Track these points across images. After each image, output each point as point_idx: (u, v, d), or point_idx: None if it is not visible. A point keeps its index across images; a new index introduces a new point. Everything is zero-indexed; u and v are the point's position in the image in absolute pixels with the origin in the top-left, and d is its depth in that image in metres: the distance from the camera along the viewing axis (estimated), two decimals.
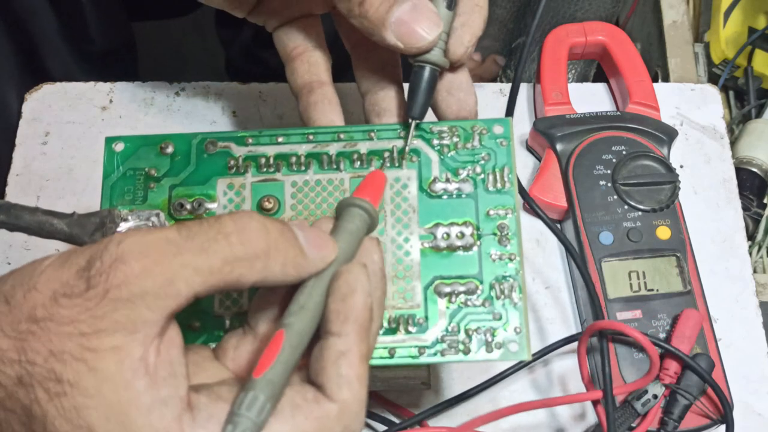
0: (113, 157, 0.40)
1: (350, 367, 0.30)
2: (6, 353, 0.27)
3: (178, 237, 0.29)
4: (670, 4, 0.79)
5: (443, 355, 0.36)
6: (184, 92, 0.57)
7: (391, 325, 0.36)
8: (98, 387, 0.27)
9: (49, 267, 0.28)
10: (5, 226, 0.34)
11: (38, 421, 0.27)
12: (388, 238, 0.38)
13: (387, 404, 0.48)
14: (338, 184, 0.39)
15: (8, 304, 0.28)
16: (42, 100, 0.57)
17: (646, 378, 0.44)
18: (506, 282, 0.37)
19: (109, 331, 0.27)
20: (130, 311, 0.27)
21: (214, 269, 0.28)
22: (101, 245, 0.28)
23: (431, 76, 0.39)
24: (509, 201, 0.38)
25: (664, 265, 0.49)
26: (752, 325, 0.51)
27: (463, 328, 0.36)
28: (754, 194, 0.73)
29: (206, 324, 0.37)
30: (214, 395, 0.29)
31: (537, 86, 0.57)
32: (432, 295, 0.37)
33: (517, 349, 0.36)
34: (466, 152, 0.39)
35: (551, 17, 1.12)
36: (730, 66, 0.80)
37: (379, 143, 0.40)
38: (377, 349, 0.36)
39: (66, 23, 0.65)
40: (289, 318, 0.30)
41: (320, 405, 0.29)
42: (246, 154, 0.40)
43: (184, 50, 1.25)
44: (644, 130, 0.53)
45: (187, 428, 0.27)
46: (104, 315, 0.27)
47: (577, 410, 0.49)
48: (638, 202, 0.50)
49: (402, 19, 0.38)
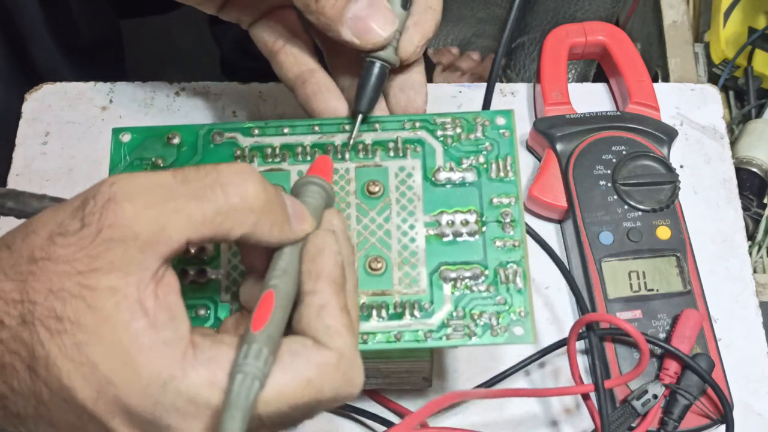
0: (120, 148, 0.40)
1: (333, 317, 0.30)
2: (9, 294, 0.28)
3: (172, 181, 0.29)
4: (670, 4, 0.79)
5: (449, 338, 0.36)
6: (184, 92, 0.57)
7: (397, 310, 0.37)
8: (98, 326, 0.27)
9: (47, 211, 0.29)
10: (13, 212, 0.34)
11: (41, 361, 0.27)
12: (394, 225, 0.38)
13: (388, 403, 0.48)
14: (344, 173, 0.40)
15: (9, 249, 0.29)
16: (42, 100, 0.57)
17: (636, 369, 0.44)
18: (510, 267, 0.37)
19: (105, 270, 0.27)
20: (123, 252, 0.28)
21: (207, 218, 0.29)
22: (95, 186, 0.29)
23: (381, 72, 0.40)
24: (512, 189, 0.39)
25: (664, 265, 0.49)
26: (752, 325, 0.51)
27: (468, 312, 0.36)
28: (754, 194, 0.74)
29: (213, 311, 0.37)
30: (217, 339, 0.29)
31: (537, 86, 0.57)
32: (437, 281, 0.37)
33: (522, 332, 0.36)
34: (470, 143, 0.40)
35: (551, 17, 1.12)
36: (730, 66, 0.80)
37: (383, 134, 0.40)
38: (383, 333, 0.36)
39: (52, 16, 0.65)
40: (273, 280, 0.31)
41: (319, 351, 0.29)
42: (252, 145, 0.40)
43: (178, 47, 1.25)
44: (644, 130, 0.53)
45: (189, 367, 0.28)
46: (98, 254, 0.27)
47: (575, 415, 0.49)
48: (638, 202, 0.50)
49: (358, 16, 0.39)
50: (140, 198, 0.28)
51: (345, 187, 0.39)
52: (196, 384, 0.28)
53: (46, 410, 0.28)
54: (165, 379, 0.27)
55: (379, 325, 0.37)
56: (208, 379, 0.28)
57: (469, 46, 1.22)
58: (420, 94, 0.42)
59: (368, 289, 0.37)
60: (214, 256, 0.38)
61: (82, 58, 0.71)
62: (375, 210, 0.39)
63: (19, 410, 0.29)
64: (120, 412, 0.27)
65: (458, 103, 0.57)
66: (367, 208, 0.39)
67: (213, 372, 0.28)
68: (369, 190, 0.39)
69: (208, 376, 0.28)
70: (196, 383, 0.28)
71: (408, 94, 0.42)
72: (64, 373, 0.27)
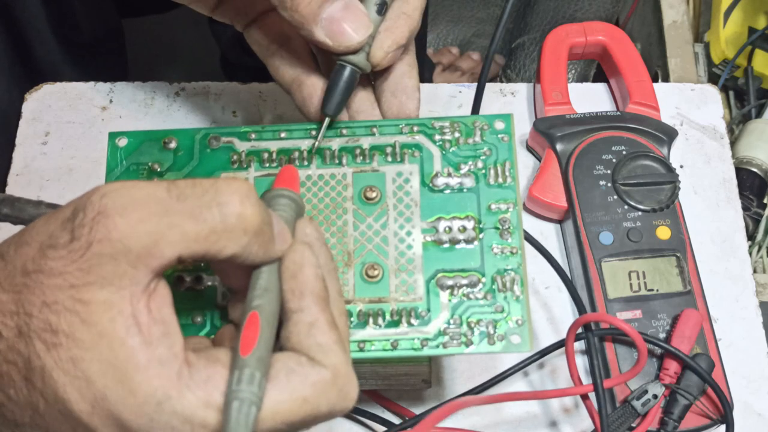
0: (116, 152, 0.40)
1: (324, 334, 0.30)
2: (6, 305, 0.28)
3: (167, 196, 0.29)
4: (670, 4, 0.79)
5: (445, 347, 0.36)
6: (184, 92, 0.57)
7: (393, 318, 0.37)
8: (94, 341, 0.27)
9: (39, 221, 0.29)
10: (9, 219, 0.34)
11: (37, 373, 0.27)
12: (391, 232, 0.38)
13: (387, 404, 0.48)
14: (341, 178, 0.39)
15: (3, 259, 0.29)
16: (42, 100, 0.57)
17: (634, 369, 0.44)
18: (508, 275, 0.37)
19: (98, 285, 0.27)
20: (115, 267, 0.27)
21: (200, 236, 0.28)
22: (86, 196, 0.28)
23: (351, 76, 0.40)
24: (511, 195, 0.38)
25: (664, 265, 0.49)
26: (752, 325, 0.51)
27: (465, 320, 0.36)
28: (754, 194, 0.74)
29: (209, 318, 0.37)
30: (211, 357, 0.29)
31: (537, 86, 0.57)
32: (434, 288, 0.37)
33: (519, 341, 0.36)
34: (468, 147, 0.40)
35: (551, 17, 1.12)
36: (730, 66, 0.80)
37: (381, 138, 0.40)
38: (380, 341, 0.36)
39: (53, 12, 0.65)
40: (256, 300, 0.31)
41: (314, 369, 0.29)
42: (249, 149, 0.40)
43: (178, 47, 1.25)
44: (644, 130, 0.53)
45: (185, 387, 0.28)
46: (90, 268, 0.27)
47: (575, 415, 0.49)
48: (638, 202, 0.50)
49: (333, 17, 0.38)
50: (133, 212, 0.28)
51: (342, 193, 0.39)
52: (192, 404, 0.27)
53: (42, 420, 0.28)
54: (160, 399, 0.27)
55: (376, 332, 0.36)
56: (204, 400, 0.28)
57: (469, 46, 1.23)
58: (412, 99, 0.41)
59: (365, 297, 0.37)
60: None
61: (83, 54, 0.71)
62: (372, 216, 0.38)
63: (16, 418, 0.29)
64: (114, 426, 0.27)
65: (458, 103, 0.57)
66: (364, 214, 0.39)
67: (209, 393, 0.28)
68: (366, 195, 0.39)
69: (204, 397, 0.28)
70: (192, 404, 0.27)
71: (400, 99, 0.41)
72: (60, 385, 0.27)
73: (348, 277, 0.37)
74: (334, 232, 0.38)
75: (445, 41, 1.24)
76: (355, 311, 0.37)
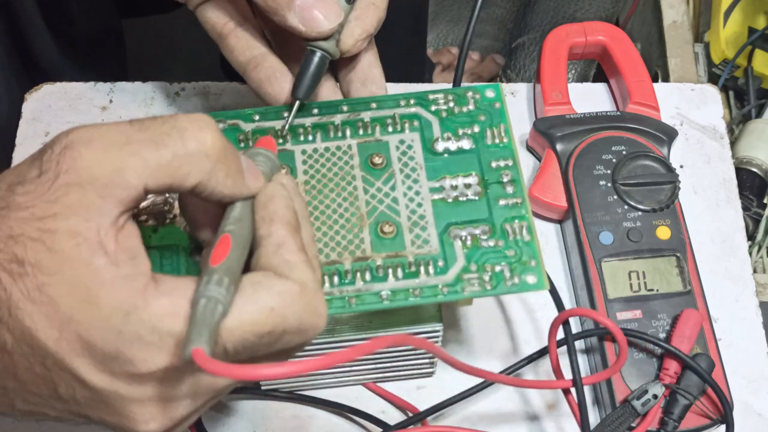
0: None
1: (292, 254, 0.30)
2: None
3: (129, 128, 0.29)
4: (670, 4, 0.80)
5: (465, 291, 0.37)
6: (184, 92, 0.57)
7: (412, 269, 0.38)
8: (58, 266, 0.27)
9: (10, 167, 0.30)
10: None
11: (3, 306, 0.27)
12: (400, 193, 0.40)
13: (389, 397, 0.48)
14: (346, 149, 0.41)
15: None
16: (42, 100, 0.57)
17: (615, 365, 0.44)
18: (516, 222, 0.39)
19: (64, 215, 0.28)
20: (82, 196, 0.28)
21: (163, 162, 0.29)
22: (54, 138, 0.29)
23: (320, 61, 0.41)
24: (508, 153, 0.41)
25: (664, 265, 0.49)
26: (752, 325, 0.51)
27: (481, 266, 0.38)
28: (754, 194, 0.74)
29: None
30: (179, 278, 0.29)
31: (537, 86, 0.57)
32: (448, 239, 0.39)
33: (534, 281, 0.38)
34: (463, 114, 0.42)
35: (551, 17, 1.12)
36: (730, 66, 0.80)
37: (380, 112, 0.42)
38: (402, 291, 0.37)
39: (51, 11, 0.65)
40: (228, 226, 0.31)
41: (280, 281, 0.30)
42: (254, 129, 0.41)
43: (178, 47, 1.25)
44: (644, 130, 0.53)
45: (151, 297, 0.28)
46: (57, 199, 0.28)
47: None
48: (638, 202, 0.50)
49: (306, 4, 0.40)
50: (97, 143, 0.28)
51: (349, 162, 0.40)
52: (158, 313, 0.28)
53: (10, 361, 0.28)
54: (127, 310, 0.27)
55: (397, 284, 0.37)
56: (171, 309, 0.28)
57: (468, 46, 1.22)
58: (381, 89, 0.43)
59: (382, 252, 0.38)
60: None
61: (83, 54, 0.71)
62: (380, 180, 0.40)
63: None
64: (83, 350, 0.27)
65: None
66: (372, 179, 0.40)
67: (175, 302, 0.28)
68: (372, 162, 0.40)
69: (171, 306, 0.28)
70: (159, 312, 0.28)
71: (370, 89, 0.43)
72: (27, 314, 0.27)
73: (364, 236, 0.39)
74: (345, 197, 0.39)
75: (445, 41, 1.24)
76: (374, 266, 0.38)
